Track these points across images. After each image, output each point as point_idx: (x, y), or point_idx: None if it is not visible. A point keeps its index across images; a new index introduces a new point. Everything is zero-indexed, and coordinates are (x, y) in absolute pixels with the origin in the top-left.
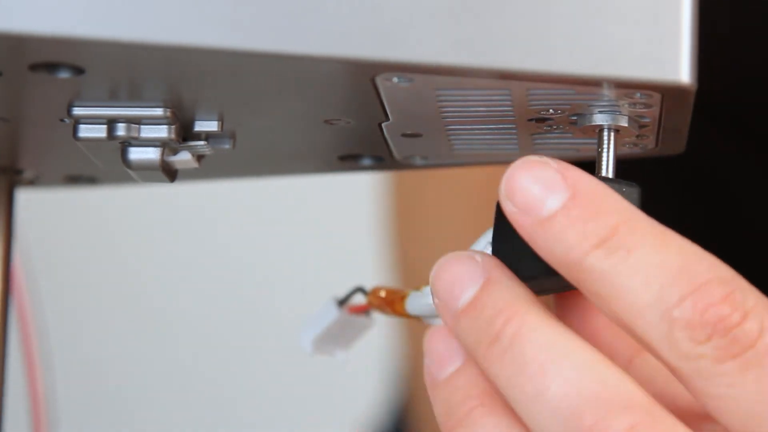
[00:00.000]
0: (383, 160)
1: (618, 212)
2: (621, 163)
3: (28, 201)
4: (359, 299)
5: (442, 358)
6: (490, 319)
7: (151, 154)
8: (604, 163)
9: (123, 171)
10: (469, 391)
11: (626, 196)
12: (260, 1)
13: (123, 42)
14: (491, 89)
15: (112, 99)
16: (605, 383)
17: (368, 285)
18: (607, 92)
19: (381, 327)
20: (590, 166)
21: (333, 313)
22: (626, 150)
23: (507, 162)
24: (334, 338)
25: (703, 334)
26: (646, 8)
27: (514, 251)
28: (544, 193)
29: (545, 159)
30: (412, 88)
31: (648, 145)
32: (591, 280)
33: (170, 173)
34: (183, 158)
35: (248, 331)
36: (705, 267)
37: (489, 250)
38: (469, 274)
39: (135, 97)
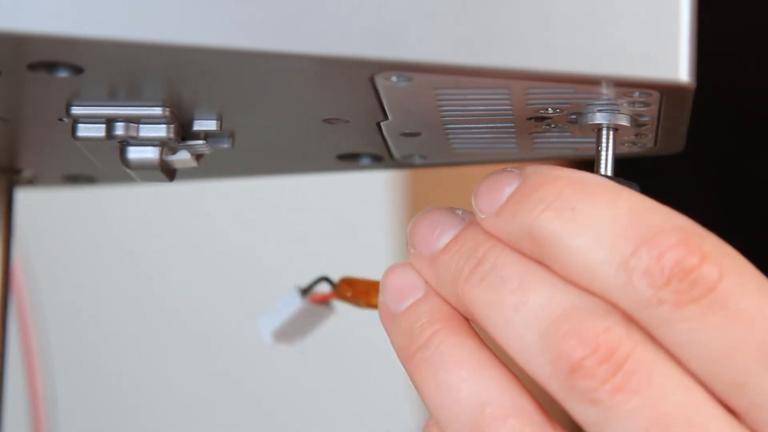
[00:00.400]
0: (382, 160)
1: (563, 177)
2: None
3: (27, 200)
4: (323, 289)
5: (401, 292)
6: (471, 250)
7: (150, 153)
8: (602, 161)
9: (122, 170)
10: (432, 316)
11: None
12: (259, 0)
13: (122, 41)
14: (490, 88)
15: (111, 98)
16: (581, 297)
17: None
18: (606, 91)
19: None
20: (589, 165)
21: (296, 302)
22: (625, 149)
23: (506, 161)
24: (294, 328)
25: (661, 278)
26: (645, 7)
27: None
28: (498, 190)
29: (516, 168)
30: (411, 87)
31: (647, 143)
32: (544, 245)
33: (169, 172)
34: (182, 157)
35: (252, 331)
36: (659, 218)
37: None
38: (449, 220)
39: (134, 97)
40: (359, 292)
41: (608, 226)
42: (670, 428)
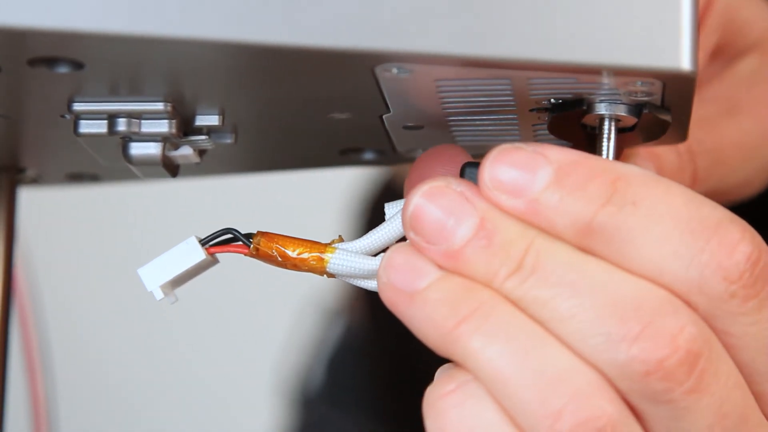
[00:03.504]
0: (385, 154)
1: (609, 170)
2: None
3: (29, 200)
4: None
5: (414, 270)
6: (505, 245)
7: (153, 149)
8: (604, 151)
9: (125, 167)
10: (471, 285)
11: None
12: None
13: (122, 36)
14: (491, 79)
15: (113, 94)
16: (649, 290)
17: None
18: (608, 80)
19: None
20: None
21: (197, 254)
22: None
23: None
24: (180, 278)
25: (736, 273)
26: None
27: None
28: (528, 172)
29: (528, 146)
30: (411, 78)
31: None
32: (607, 239)
33: (172, 168)
34: (184, 153)
35: (251, 332)
36: (711, 209)
37: None
38: (460, 204)
39: (135, 92)
40: (281, 250)
41: (671, 221)
42: (730, 424)
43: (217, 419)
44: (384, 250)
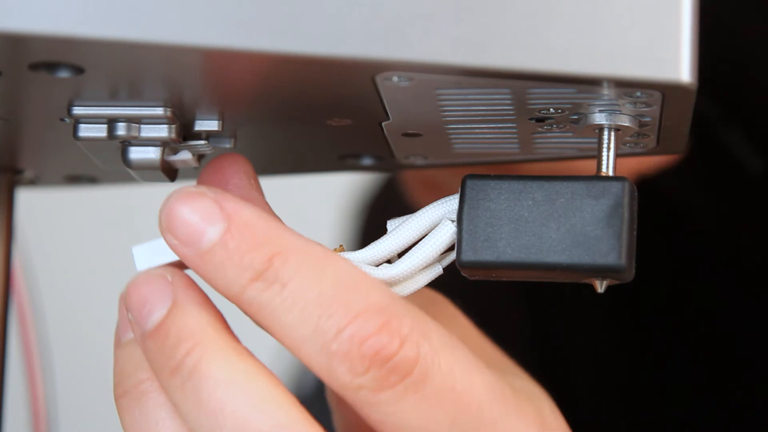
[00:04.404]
0: (383, 160)
1: (272, 242)
2: None
3: (28, 201)
4: None
5: (124, 324)
6: (172, 348)
7: (152, 153)
8: (604, 162)
9: (123, 170)
10: (140, 364)
11: (610, 190)
12: (261, 1)
13: (123, 41)
14: (491, 89)
15: (112, 98)
16: (277, 420)
17: None
18: (608, 91)
19: None
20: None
21: None
22: (627, 149)
23: (508, 162)
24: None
25: (361, 366)
26: (647, 6)
27: (489, 233)
28: (203, 225)
29: (202, 189)
30: (411, 87)
31: (649, 144)
32: (254, 313)
33: (170, 173)
34: (183, 158)
35: (247, 331)
36: (360, 295)
37: (449, 225)
38: (158, 294)
39: (135, 97)
40: None
41: (312, 304)
42: None
43: None
44: (388, 261)
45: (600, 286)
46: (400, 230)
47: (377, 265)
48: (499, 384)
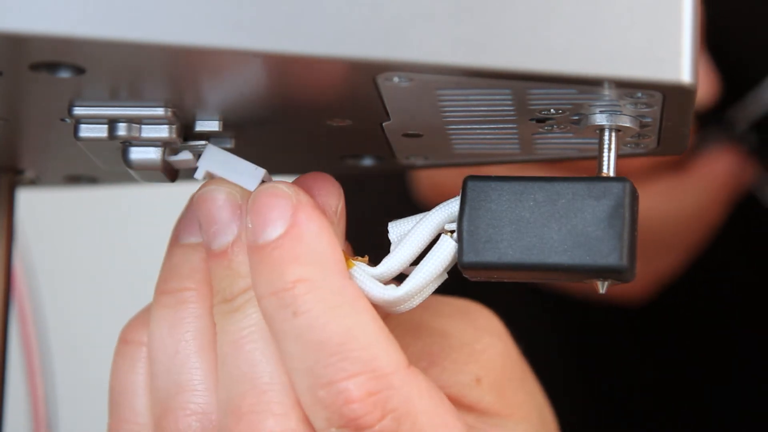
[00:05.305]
0: (384, 160)
1: (309, 264)
2: None
3: (28, 201)
4: None
5: (191, 224)
6: (231, 279)
7: (152, 153)
8: (605, 162)
9: (124, 171)
10: (194, 273)
11: (612, 190)
12: (261, 1)
13: (123, 41)
14: (492, 89)
15: (113, 99)
16: (273, 387)
17: None
18: (608, 92)
19: None
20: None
21: (252, 183)
22: (628, 150)
23: (508, 162)
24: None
25: (339, 421)
26: (647, 7)
27: (491, 234)
28: (267, 223)
29: (291, 191)
30: (412, 87)
31: (649, 144)
32: (266, 320)
33: (171, 173)
34: (184, 158)
35: None
36: (366, 355)
37: (449, 242)
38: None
39: (136, 97)
40: None
41: (316, 347)
42: None
43: None
44: (398, 278)
45: (601, 287)
46: (406, 242)
47: (386, 283)
48: None
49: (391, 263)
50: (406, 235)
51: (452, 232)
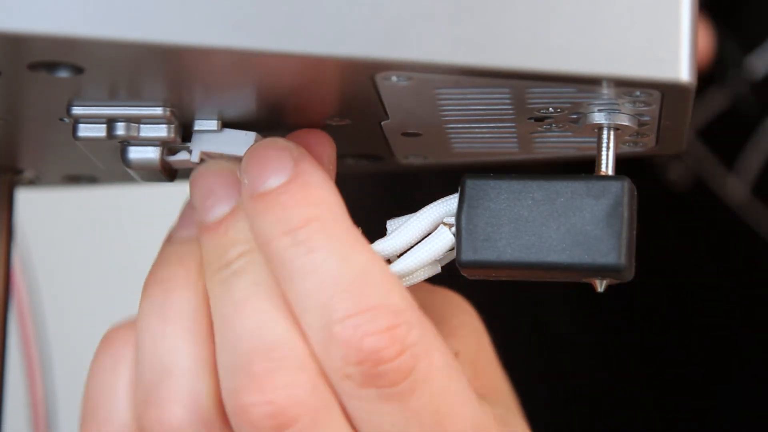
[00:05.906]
0: (383, 159)
1: (318, 206)
2: None
3: (28, 201)
4: None
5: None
6: (225, 245)
7: (151, 153)
8: (603, 161)
9: (123, 170)
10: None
11: (610, 189)
12: (261, 1)
13: (122, 41)
14: (490, 88)
15: (112, 98)
16: (286, 336)
17: None
18: (607, 91)
19: None
20: (590, 164)
21: (242, 149)
22: (626, 148)
23: (507, 161)
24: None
25: (355, 357)
26: (647, 7)
27: (489, 232)
28: (269, 172)
29: (289, 144)
30: (411, 87)
31: (648, 143)
32: (274, 267)
33: (170, 173)
34: (183, 158)
35: None
36: (381, 290)
37: (446, 232)
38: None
39: (134, 97)
40: None
41: (331, 280)
42: None
43: None
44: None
45: (600, 286)
46: (400, 231)
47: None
48: (486, 420)
49: (382, 246)
50: (401, 226)
51: (451, 225)
